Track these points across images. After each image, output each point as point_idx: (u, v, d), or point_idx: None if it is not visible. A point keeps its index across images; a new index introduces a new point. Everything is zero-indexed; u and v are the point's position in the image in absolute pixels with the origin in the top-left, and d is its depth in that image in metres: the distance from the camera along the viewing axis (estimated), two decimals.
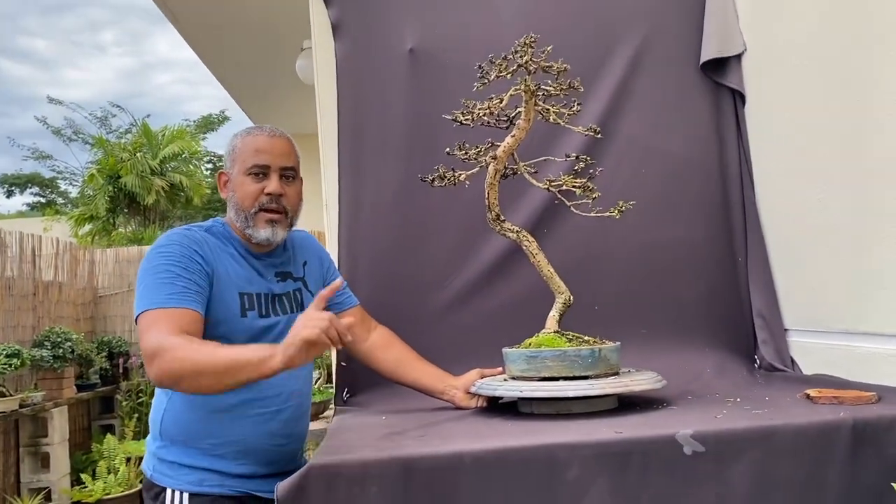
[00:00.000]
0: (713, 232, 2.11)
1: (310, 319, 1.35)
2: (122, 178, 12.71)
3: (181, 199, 14.19)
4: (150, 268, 1.56)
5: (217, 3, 3.97)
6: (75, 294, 6.06)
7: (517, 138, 1.66)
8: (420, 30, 2.14)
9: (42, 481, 4.88)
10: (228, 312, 1.60)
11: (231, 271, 1.64)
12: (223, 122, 17.82)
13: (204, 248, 1.61)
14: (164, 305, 1.50)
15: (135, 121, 16.03)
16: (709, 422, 1.36)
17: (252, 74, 5.21)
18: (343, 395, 2.03)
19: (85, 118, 17.67)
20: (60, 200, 21.05)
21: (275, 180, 1.67)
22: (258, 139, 1.70)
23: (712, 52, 2.09)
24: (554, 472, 1.25)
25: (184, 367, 1.40)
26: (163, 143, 13.81)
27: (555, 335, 1.63)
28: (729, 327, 2.08)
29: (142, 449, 5.31)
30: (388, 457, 1.28)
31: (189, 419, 1.61)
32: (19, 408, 4.46)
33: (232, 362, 1.39)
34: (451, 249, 2.12)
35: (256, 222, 1.66)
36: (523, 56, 1.60)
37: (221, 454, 1.61)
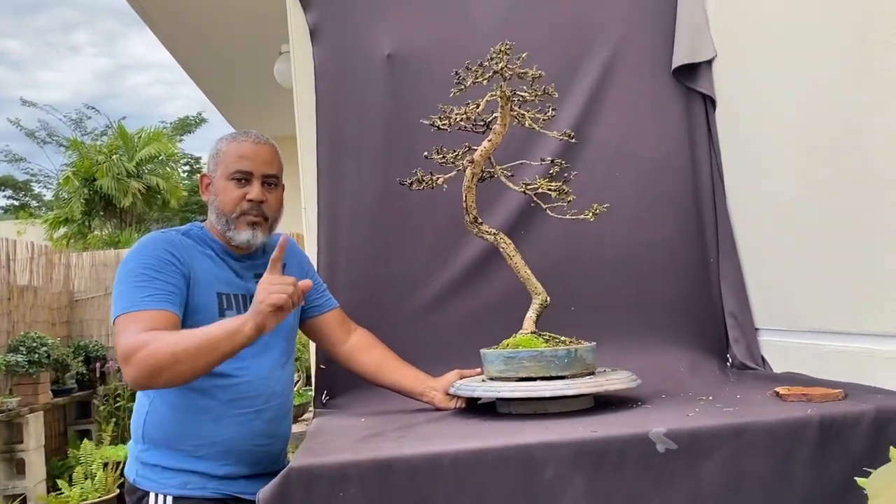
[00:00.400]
0: (685, 233, 2.15)
1: (273, 285, 1.43)
2: (98, 180, 12.59)
3: (158, 201, 14.07)
4: (126, 272, 1.58)
5: (194, 7, 3.96)
6: (51, 298, 6.00)
7: (493, 142, 1.69)
8: (398, 36, 2.16)
9: (17, 488, 4.83)
10: (206, 312, 1.62)
11: (208, 272, 1.65)
12: (200, 124, 17.71)
13: (180, 250, 1.63)
14: (139, 308, 1.52)
15: (110, 123, 15.90)
16: (681, 420, 1.39)
17: (230, 78, 5.19)
18: (322, 398, 2.04)
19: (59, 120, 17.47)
20: (35, 203, 20.78)
21: (257, 187, 1.69)
22: (243, 145, 1.71)
23: (683, 58, 2.13)
24: (531, 472, 1.28)
25: (160, 360, 1.42)
26: (139, 145, 13.70)
27: (532, 336, 1.66)
28: (701, 327, 2.12)
29: (119, 454, 5.28)
30: (367, 458, 1.30)
31: (171, 421, 1.62)
32: None
33: (205, 341, 1.43)
34: (430, 252, 2.14)
35: (238, 225, 1.68)
36: (499, 63, 1.62)
37: (204, 456, 1.62)
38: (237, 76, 5.15)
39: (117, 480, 5.14)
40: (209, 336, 1.44)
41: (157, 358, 1.43)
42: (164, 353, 1.43)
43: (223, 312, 1.64)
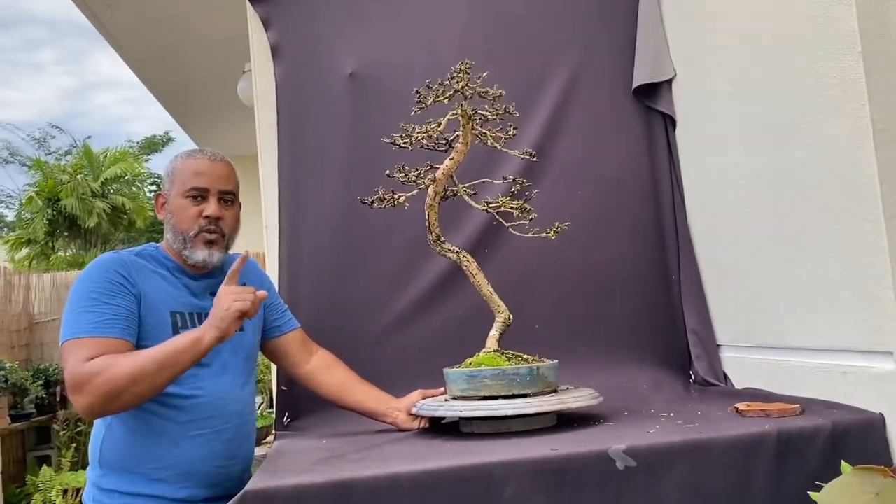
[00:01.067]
0: (647, 251, 2.16)
1: (236, 293, 1.49)
2: (62, 200, 12.40)
3: (124, 221, 13.90)
4: (75, 296, 1.56)
5: (158, 27, 3.93)
6: (9, 321, 5.86)
7: (455, 161, 1.69)
8: (359, 54, 2.17)
9: None
10: (160, 332, 1.59)
11: (161, 292, 1.63)
12: (167, 144, 17.56)
13: (130, 271, 1.61)
14: (88, 335, 1.50)
15: (75, 142, 15.70)
16: (642, 437, 1.39)
17: (194, 97, 5.16)
18: (284, 420, 2.01)
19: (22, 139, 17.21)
20: None
21: (213, 203, 1.68)
22: (198, 162, 1.70)
23: (644, 78, 2.16)
24: (491, 491, 1.27)
25: (117, 384, 1.43)
26: (105, 164, 13.55)
27: (495, 354, 1.65)
28: (664, 344, 2.13)
29: (79, 480, 5.15)
30: (325, 480, 1.28)
31: (128, 445, 1.58)
32: None
33: (164, 356, 1.46)
34: (393, 271, 2.13)
35: (194, 244, 1.66)
36: (459, 82, 1.63)
37: (162, 478, 1.58)
38: (201, 95, 5.11)
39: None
40: (167, 351, 1.46)
41: (114, 383, 1.42)
42: (121, 377, 1.43)
43: (177, 331, 1.61)
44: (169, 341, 1.49)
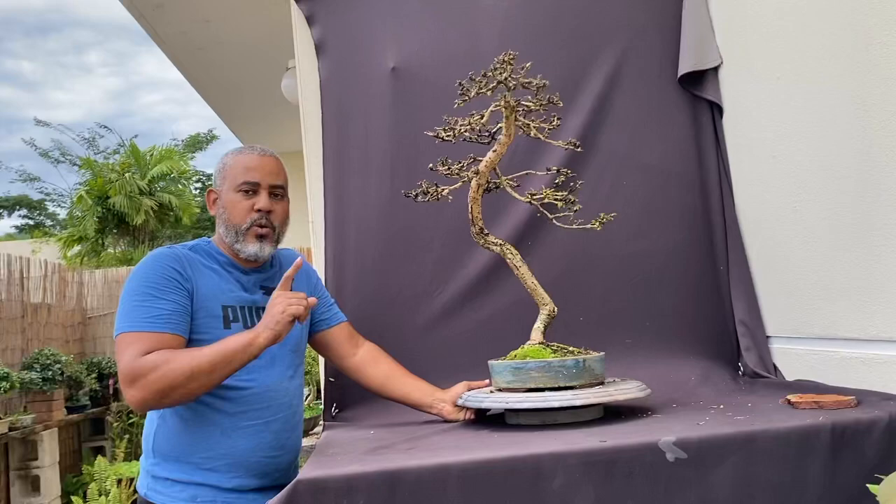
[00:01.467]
0: (694, 242, 2.13)
1: (290, 298, 1.54)
2: (111, 198, 12.68)
3: (170, 218, 14.16)
4: (130, 289, 1.60)
5: (202, 25, 4.00)
6: (64, 316, 6.04)
7: (498, 153, 1.69)
8: (401, 49, 2.18)
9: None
10: (211, 325, 1.63)
11: (213, 285, 1.66)
12: (211, 141, 17.83)
13: (184, 265, 1.64)
14: (141, 329, 1.54)
15: (122, 141, 16.03)
16: (691, 429, 1.38)
17: (238, 94, 5.24)
18: (332, 411, 2.04)
19: (72, 140, 17.65)
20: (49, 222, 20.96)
21: (264, 197, 1.71)
22: (249, 158, 1.73)
23: (689, 66, 2.13)
24: (539, 482, 1.27)
25: (172, 381, 1.47)
26: (151, 163, 13.81)
27: (540, 346, 1.65)
28: (712, 335, 2.10)
29: (133, 470, 5.30)
30: (375, 470, 1.29)
31: (181, 434, 1.62)
32: (9, 431, 4.44)
33: (219, 355, 1.50)
34: (436, 264, 2.14)
35: (246, 238, 1.69)
36: (502, 73, 1.63)
37: (213, 468, 1.62)
38: (246, 93, 5.19)
39: (131, 496, 5.15)
40: (221, 351, 1.50)
41: (169, 379, 1.47)
42: (176, 374, 1.47)
43: (228, 325, 1.64)
44: (223, 341, 1.52)
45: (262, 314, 1.71)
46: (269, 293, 1.76)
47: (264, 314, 1.55)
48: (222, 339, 1.52)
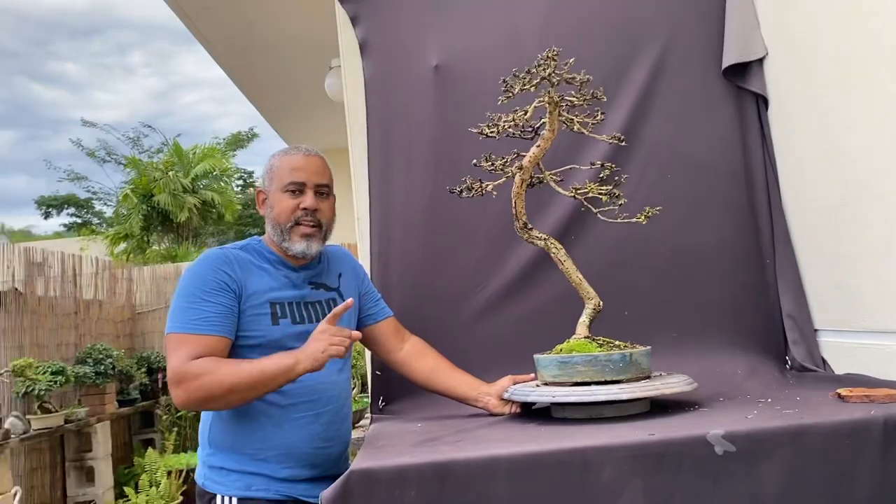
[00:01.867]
0: (740, 235, 2.12)
1: (333, 337, 1.56)
2: (155, 196, 12.95)
3: (213, 215, 14.41)
4: (181, 290, 1.67)
5: (247, 26, 4.08)
6: (114, 311, 6.21)
7: (542, 148, 1.70)
8: (444, 46, 2.20)
9: (87, 495, 5.01)
10: (260, 322, 1.68)
11: (262, 283, 1.71)
12: (252, 139, 18.08)
13: (233, 266, 1.70)
14: (189, 331, 1.61)
15: (166, 140, 16.34)
16: (739, 422, 1.38)
17: (282, 93, 5.31)
18: (379, 404, 2.07)
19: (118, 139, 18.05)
20: (95, 220, 21.48)
21: (310, 196, 1.75)
22: (295, 158, 1.78)
23: (734, 57, 2.11)
24: (588, 475, 1.28)
25: (214, 391, 1.55)
26: (194, 161, 14.05)
27: (585, 340, 1.66)
28: (759, 329, 2.09)
29: (182, 462, 5.43)
30: (425, 462, 1.32)
31: (235, 426, 1.68)
32: (64, 423, 4.59)
33: (259, 375, 1.55)
34: (480, 259, 2.16)
35: (292, 236, 1.74)
36: (546, 69, 1.64)
37: (266, 458, 1.67)
38: (289, 92, 5.27)
39: (180, 488, 5.29)
40: (263, 371, 1.56)
41: (210, 389, 1.55)
42: (218, 386, 1.55)
43: (277, 321, 1.69)
44: (266, 361, 1.58)
45: (311, 309, 1.75)
46: (317, 288, 1.80)
47: (307, 342, 1.58)
48: (266, 358, 1.58)
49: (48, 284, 5.28)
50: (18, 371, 4.26)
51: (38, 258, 5.22)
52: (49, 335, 5.13)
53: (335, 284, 1.84)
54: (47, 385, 4.38)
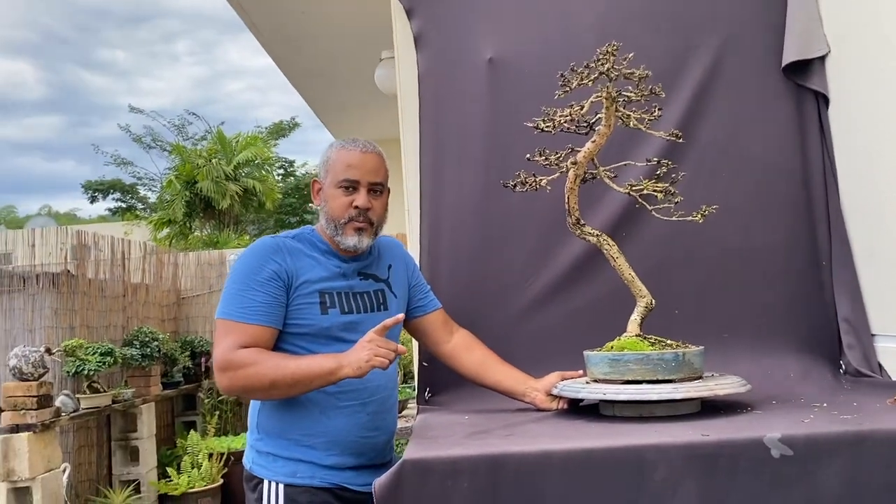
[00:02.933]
0: (796, 236, 2.08)
1: (379, 348, 1.56)
2: (199, 183, 13.18)
3: (254, 203, 14.62)
4: (234, 276, 1.71)
5: (298, 16, 4.12)
6: (160, 295, 6.34)
7: (597, 144, 1.69)
8: (498, 40, 2.19)
9: (132, 474, 5.14)
10: (309, 311, 1.71)
11: (313, 273, 1.74)
12: (293, 129, 18.27)
13: (284, 256, 1.72)
14: (238, 318, 1.65)
15: (210, 128, 16.59)
16: (796, 426, 1.36)
17: (330, 84, 5.35)
18: (426, 395, 2.09)
19: (163, 126, 18.39)
20: (140, 206, 21.92)
21: (363, 195, 1.76)
22: (350, 154, 1.79)
23: (795, 54, 2.06)
24: (642, 473, 1.28)
25: (256, 383, 1.59)
26: (237, 149, 14.24)
27: (637, 339, 1.65)
28: (813, 332, 2.05)
29: (223, 445, 5.53)
30: (478, 454, 1.33)
31: (282, 413, 1.71)
32: (112, 403, 4.71)
33: (302, 375, 1.58)
34: (530, 253, 2.15)
35: (345, 231, 1.75)
36: (605, 64, 1.63)
37: (313, 445, 1.70)
38: (338, 83, 5.30)
39: (221, 471, 5.40)
40: (306, 372, 1.59)
41: (253, 381, 1.59)
42: (261, 379, 1.59)
43: (326, 310, 1.71)
44: (309, 362, 1.60)
45: (359, 299, 1.77)
46: (367, 278, 1.82)
47: (353, 349, 1.59)
48: (310, 358, 1.61)
49: (98, 267, 5.41)
50: (70, 351, 4.39)
51: (90, 241, 5.35)
52: (98, 317, 5.26)
53: (385, 275, 1.86)
54: (97, 366, 4.50)
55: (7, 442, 3.67)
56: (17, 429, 3.70)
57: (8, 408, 3.75)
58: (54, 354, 4.09)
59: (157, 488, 5.19)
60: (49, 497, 3.79)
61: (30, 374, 3.80)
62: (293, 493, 1.69)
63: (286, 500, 1.69)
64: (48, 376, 3.98)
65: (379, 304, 1.81)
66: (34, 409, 3.76)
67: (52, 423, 3.88)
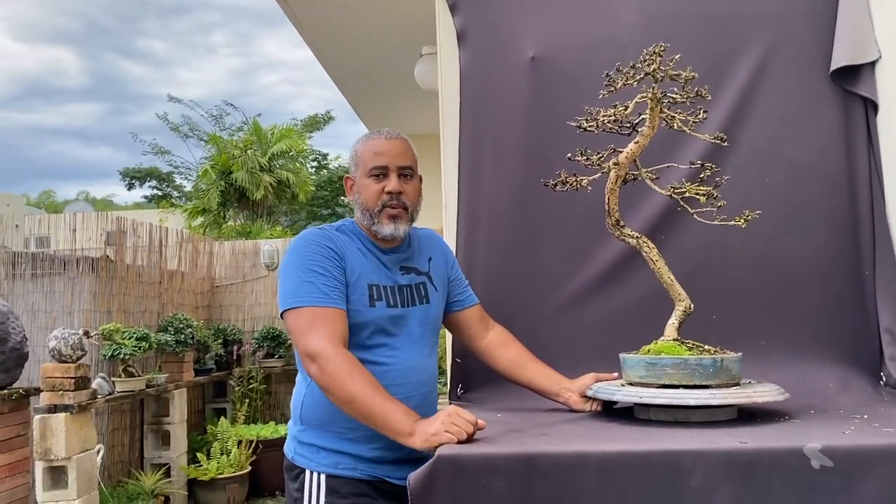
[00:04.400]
0: (838, 243, 2.05)
1: (455, 424, 1.43)
2: (234, 173, 13.31)
3: (287, 195, 14.72)
4: (295, 265, 1.69)
5: (339, 11, 4.14)
6: (195, 283, 6.42)
7: (641, 145, 1.68)
8: (541, 38, 2.18)
9: (163, 457, 5.23)
10: (359, 302, 1.71)
11: (359, 265, 1.74)
12: (328, 122, 18.38)
13: (337, 244, 1.73)
14: (314, 304, 1.64)
15: (246, 119, 16.76)
16: (836, 437, 1.35)
17: (369, 78, 5.37)
18: (458, 391, 2.09)
19: (201, 115, 18.63)
20: (175, 194, 22.24)
21: (394, 179, 1.77)
22: (377, 142, 1.80)
23: (844, 59, 2.03)
24: (677, 478, 1.27)
25: (334, 391, 1.56)
26: (272, 141, 14.36)
27: (674, 343, 1.64)
28: (853, 342, 2.01)
29: (252, 433, 5.60)
30: (512, 452, 1.34)
31: (326, 405, 1.70)
32: (146, 388, 4.79)
33: (377, 416, 1.52)
34: (567, 253, 2.15)
35: (381, 219, 1.76)
36: (651, 65, 1.61)
37: (355, 438, 1.71)
38: (377, 77, 5.31)
39: (249, 458, 5.47)
40: (382, 416, 1.51)
41: (335, 389, 1.56)
42: (343, 392, 1.55)
43: (373, 303, 1.72)
44: (390, 410, 1.51)
45: (404, 293, 1.78)
46: (408, 272, 1.82)
47: (432, 418, 1.49)
48: (394, 405, 1.52)
49: (136, 253, 5.51)
50: (107, 335, 4.47)
51: (128, 228, 5.44)
52: (135, 302, 5.35)
53: (425, 268, 1.86)
54: (132, 350, 4.58)
55: (45, 422, 3.76)
56: (55, 409, 3.77)
57: (47, 388, 3.83)
58: (92, 338, 4.18)
59: (187, 473, 5.28)
60: (83, 477, 3.87)
61: (68, 356, 3.87)
62: (335, 484, 1.71)
63: (328, 491, 1.70)
64: (85, 359, 4.05)
65: (421, 297, 1.82)
66: (71, 391, 3.83)
67: (89, 404, 3.96)
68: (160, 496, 4.74)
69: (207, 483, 5.23)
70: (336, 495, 1.70)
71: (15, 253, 4.89)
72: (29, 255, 4.92)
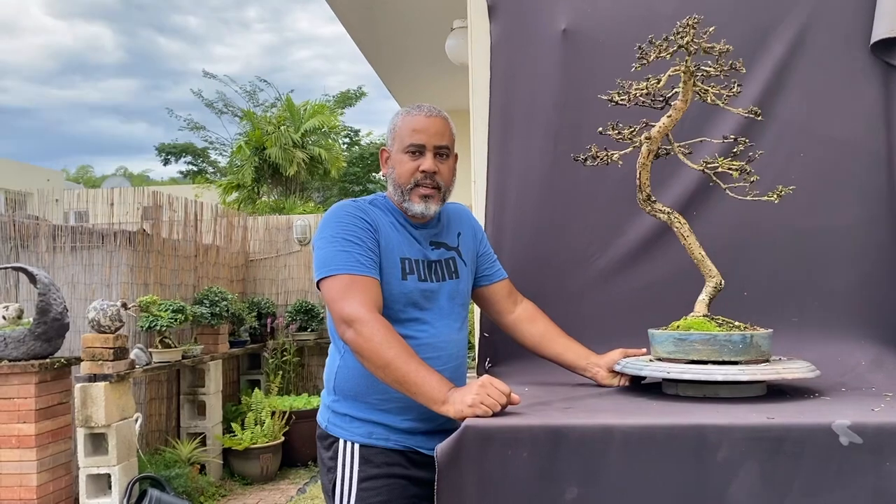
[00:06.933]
0: (874, 220, 2.00)
1: (489, 395, 1.42)
2: (267, 149, 13.40)
3: (319, 171, 14.79)
4: (330, 235, 1.71)
5: None
6: (230, 257, 6.52)
7: (673, 119, 1.66)
8: (574, 10, 2.16)
9: (198, 427, 5.36)
10: (391, 275, 1.73)
11: (392, 238, 1.76)
12: (360, 98, 18.37)
13: (371, 216, 1.75)
14: (351, 272, 1.65)
15: (279, 95, 16.83)
16: (866, 414, 1.34)
17: (400, 53, 5.36)
18: (486, 365, 2.11)
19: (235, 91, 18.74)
20: (210, 170, 22.47)
21: (429, 159, 1.76)
22: (416, 119, 1.79)
23: (885, 31, 1.97)
24: (703, 452, 1.28)
25: (370, 356, 1.56)
26: (305, 117, 14.41)
27: (704, 319, 1.63)
28: (887, 320, 1.98)
29: (286, 404, 5.70)
30: (538, 424, 1.35)
31: (359, 375, 1.74)
32: (182, 359, 4.90)
33: (412, 381, 1.52)
34: (596, 228, 2.14)
35: (412, 197, 1.77)
36: (684, 37, 1.59)
37: (387, 409, 1.74)
38: (408, 51, 5.30)
39: (283, 428, 5.57)
40: (416, 382, 1.51)
41: (370, 355, 1.56)
42: (378, 358, 1.55)
43: (406, 276, 1.73)
44: (425, 377, 1.51)
45: (434, 268, 1.79)
46: (438, 247, 1.83)
47: (465, 387, 1.49)
48: (428, 372, 1.52)
49: (172, 228, 5.61)
50: (144, 307, 4.57)
51: (164, 202, 5.54)
52: (171, 275, 5.46)
53: (454, 243, 1.87)
54: (169, 322, 4.68)
55: (86, 390, 3.87)
56: (95, 378, 3.89)
57: (87, 358, 3.94)
58: (130, 309, 4.27)
59: (222, 442, 5.40)
60: (122, 444, 3.99)
61: (107, 327, 3.98)
62: (368, 454, 1.74)
63: (361, 460, 1.74)
64: (123, 330, 4.16)
65: (451, 272, 1.83)
66: (110, 361, 3.94)
67: (127, 374, 4.07)
68: (196, 464, 4.87)
69: (241, 452, 5.35)
70: (369, 464, 1.74)
71: (55, 226, 5.00)
72: (69, 228, 5.03)
